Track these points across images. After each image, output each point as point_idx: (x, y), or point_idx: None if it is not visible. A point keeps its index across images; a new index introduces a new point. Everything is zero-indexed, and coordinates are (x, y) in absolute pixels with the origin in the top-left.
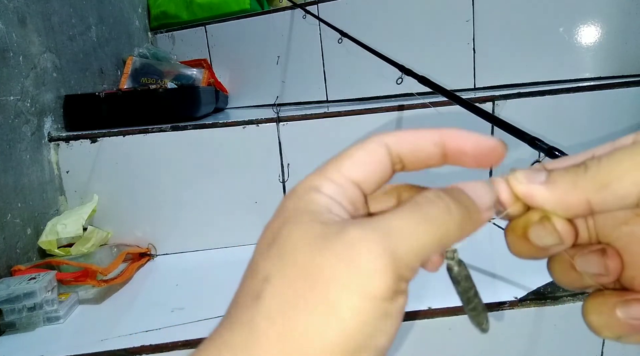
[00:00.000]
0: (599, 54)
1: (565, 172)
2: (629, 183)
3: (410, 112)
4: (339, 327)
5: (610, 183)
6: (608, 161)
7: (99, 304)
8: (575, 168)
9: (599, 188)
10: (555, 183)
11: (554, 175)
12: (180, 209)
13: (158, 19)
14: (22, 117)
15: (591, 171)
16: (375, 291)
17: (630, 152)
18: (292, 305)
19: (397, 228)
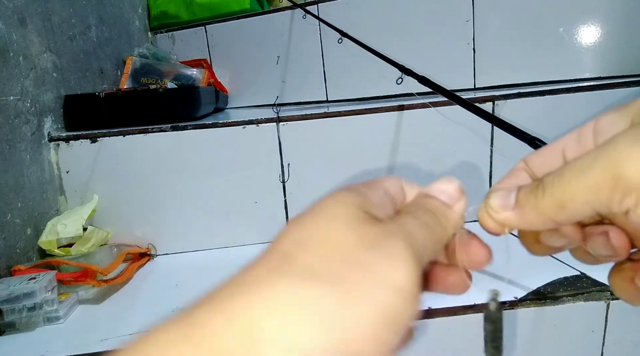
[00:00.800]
0: (599, 54)
1: (529, 194)
2: (582, 203)
3: (410, 112)
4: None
5: (565, 204)
6: (560, 182)
7: (99, 304)
8: (535, 190)
9: (557, 209)
10: (521, 209)
11: (520, 199)
12: (180, 209)
13: (158, 19)
14: (22, 117)
15: (547, 193)
16: (405, 282)
17: (579, 170)
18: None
19: (410, 230)
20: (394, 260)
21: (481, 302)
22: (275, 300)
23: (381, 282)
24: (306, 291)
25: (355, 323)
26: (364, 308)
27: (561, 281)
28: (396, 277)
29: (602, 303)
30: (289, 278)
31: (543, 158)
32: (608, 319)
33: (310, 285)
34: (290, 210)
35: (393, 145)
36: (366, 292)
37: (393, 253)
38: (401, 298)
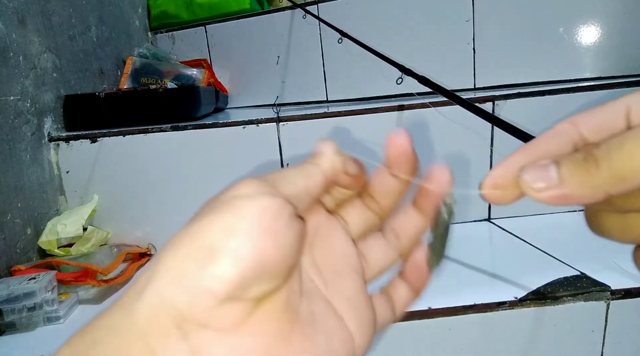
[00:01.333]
0: (599, 54)
1: (577, 168)
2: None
3: (410, 112)
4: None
5: (627, 177)
6: (620, 154)
7: (99, 304)
8: (585, 163)
9: (616, 183)
10: (569, 186)
11: (565, 175)
12: (180, 209)
13: (158, 19)
14: (22, 117)
15: (604, 167)
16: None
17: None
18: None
19: (276, 174)
20: (235, 185)
21: (481, 302)
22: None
23: (225, 198)
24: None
25: (206, 227)
26: (210, 217)
27: (561, 281)
28: (236, 191)
29: (602, 303)
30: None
31: (600, 120)
32: (608, 319)
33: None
34: None
35: None
36: (213, 208)
37: (236, 184)
38: (241, 198)
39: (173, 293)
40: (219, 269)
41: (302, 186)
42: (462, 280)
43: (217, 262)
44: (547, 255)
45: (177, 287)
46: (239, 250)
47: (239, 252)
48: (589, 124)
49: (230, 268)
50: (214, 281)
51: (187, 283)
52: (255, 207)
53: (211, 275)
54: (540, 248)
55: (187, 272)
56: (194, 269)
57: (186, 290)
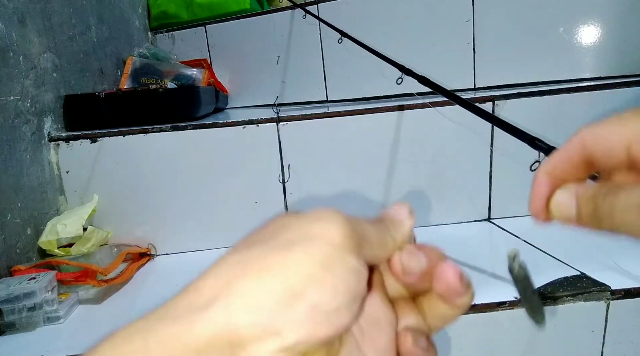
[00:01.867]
0: (599, 54)
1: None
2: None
3: (410, 112)
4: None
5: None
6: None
7: (99, 304)
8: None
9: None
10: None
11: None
12: (180, 209)
13: (158, 19)
14: (22, 117)
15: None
16: (335, 236)
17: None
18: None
19: (357, 219)
20: (324, 221)
21: (481, 302)
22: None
23: (312, 235)
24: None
25: (293, 266)
26: (297, 255)
27: (561, 281)
28: (325, 232)
29: (602, 303)
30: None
31: (605, 148)
32: (608, 319)
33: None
34: (290, 210)
35: (393, 145)
36: (299, 242)
37: (323, 216)
38: (332, 248)
39: (243, 321)
40: (297, 317)
41: (378, 255)
42: None
43: (298, 309)
44: (547, 255)
45: (250, 317)
46: (321, 306)
47: (321, 307)
48: (597, 152)
49: (308, 320)
50: (289, 327)
51: (261, 317)
52: (346, 264)
53: (289, 320)
54: (540, 248)
55: (265, 306)
56: (272, 306)
57: (258, 324)
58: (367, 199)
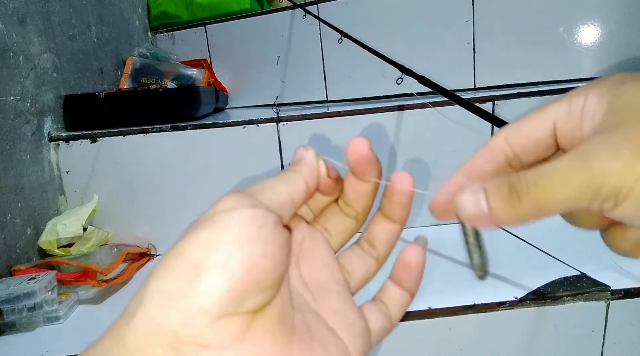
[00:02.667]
0: (599, 54)
1: (502, 202)
2: (560, 208)
3: (410, 112)
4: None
5: (543, 210)
6: (536, 191)
7: (99, 304)
8: (510, 198)
9: (534, 214)
10: (497, 215)
11: (493, 206)
12: (180, 209)
13: (158, 19)
14: (22, 117)
15: (524, 201)
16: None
17: (559, 182)
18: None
19: (255, 185)
20: (217, 202)
21: (481, 302)
22: None
23: (207, 215)
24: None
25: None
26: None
27: (561, 281)
28: (218, 205)
29: (602, 303)
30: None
31: (529, 133)
32: (608, 319)
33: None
34: None
35: (393, 145)
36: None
37: (216, 201)
38: (223, 212)
39: (165, 315)
40: (208, 284)
41: (285, 194)
42: (462, 280)
43: (205, 277)
44: (547, 255)
45: (169, 308)
46: (226, 263)
47: (226, 265)
48: (519, 141)
49: (220, 282)
50: (205, 298)
51: (178, 304)
52: (238, 218)
53: (202, 292)
54: (540, 248)
55: (177, 292)
56: (183, 288)
57: (178, 311)
58: None
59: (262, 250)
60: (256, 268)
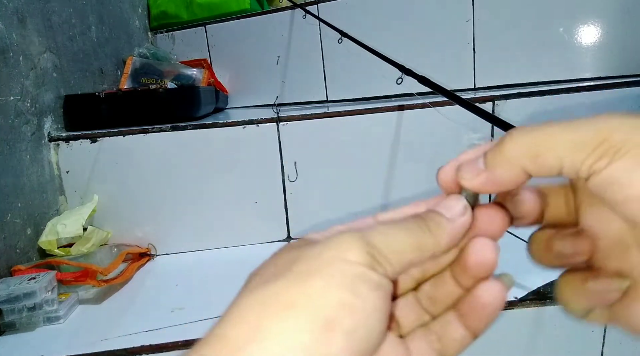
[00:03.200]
0: (599, 54)
1: (496, 149)
2: (555, 157)
3: (410, 112)
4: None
5: (539, 153)
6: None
7: (99, 304)
8: (501, 142)
9: (529, 158)
10: (492, 169)
11: (488, 159)
12: (180, 209)
13: (158, 19)
14: (22, 117)
15: (519, 141)
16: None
17: (565, 126)
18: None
19: (376, 230)
20: (336, 242)
21: None
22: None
23: (328, 260)
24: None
25: (318, 295)
26: (319, 282)
27: None
28: (341, 254)
29: None
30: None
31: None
32: None
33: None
34: (290, 210)
35: (393, 145)
36: (317, 270)
37: (335, 239)
38: (352, 267)
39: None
40: (335, 348)
41: (408, 261)
42: None
43: (335, 342)
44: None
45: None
46: (354, 333)
47: (354, 335)
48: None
49: (345, 350)
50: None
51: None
52: (368, 286)
53: (328, 353)
54: None
55: (301, 345)
56: (309, 343)
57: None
58: (367, 199)
59: (381, 326)
60: (372, 343)
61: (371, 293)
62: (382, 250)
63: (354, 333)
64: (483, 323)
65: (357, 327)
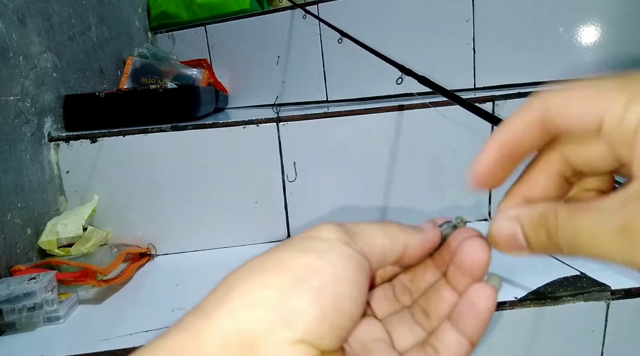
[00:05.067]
0: (599, 54)
1: (537, 238)
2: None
3: (410, 112)
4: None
5: (579, 251)
6: (577, 236)
7: (99, 304)
8: (548, 234)
9: (570, 251)
10: (532, 248)
11: (531, 240)
12: (180, 209)
13: (158, 19)
14: (22, 117)
15: (562, 240)
16: (327, 233)
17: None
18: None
19: (351, 223)
20: (317, 226)
21: None
22: None
23: (306, 237)
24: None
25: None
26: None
27: (561, 281)
28: (318, 232)
29: (602, 303)
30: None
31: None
32: (608, 319)
33: (243, 266)
34: (291, 210)
35: (393, 145)
36: (294, 243)
37: (317, 225)
38: (325, 241)
39: (250, 322)
40: (303, 304)
41: (380, 247)
42: None
43: (301, 296)
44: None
45: (254, 313)
46: (321, 291)
47: (321, 293)
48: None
49: (314, 306)
50: (296, 316)
51: (267, 314)
52: (339, 254)
53: (295, 309)
54: None
55: (268, 302)
56: (276, 299)
57: (265, 321)
58: (367, 199)
59: (352, 294)
60: (343, 309)
61: (342, 261)
62: (356, 231)
63: (322, 291)
64: (476, 326)
65: (325, 286)
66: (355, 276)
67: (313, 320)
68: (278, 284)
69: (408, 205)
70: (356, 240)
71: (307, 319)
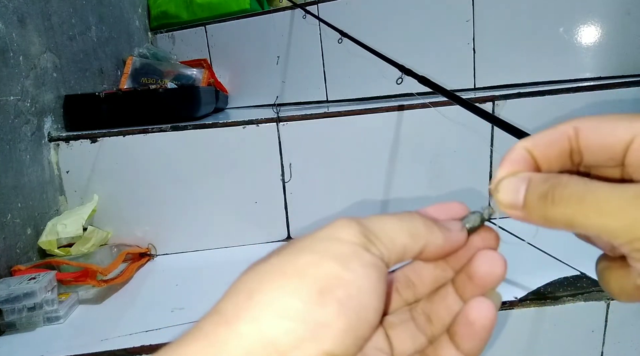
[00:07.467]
0: (599, 54)
1: (536, 201)
2: (591, 230)
3: (410, 112)
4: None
5: (574, 225)
6: (577, 205)
7: (99, 304)
8: (544, 199)
9: (564, 225)
10: (528, 212)
11: (528, 202)
12: (180, 209)
13: (158, 19)
14: (22, 117)
15: (558, 208)
16: (344, 235)
17: (606, 212)
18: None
19: (370, 217)
20: (332, 225)
21: None
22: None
23: (322, 237)
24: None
25: (311, 266)
26: (312, 256)
27: (561, 281)
28: (335, 232)
29: (602, 303)
30: None
31: (601, 145)
32: (608, 319)
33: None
34: (290, 210)
35: (393, 145)
36: (311, 245)
37: (331, 223)
38: (344, 244)
39: (275, 332)
40: (330, 317)
41: (401, 246)
42: None
43: (328, 308)
44: (547, 255)
45: (283, 324)
46: (348, 304)
47: (348, 306)
48: (590, 139)
49: (341, 320)
50: (323, 329)
51: (294, 324)
52: (361, 262)
53: (322, 322)
54: (540, 248)
55: (295, 312)
56: (303, 310)
57: (292, 332)
58: (367, 199)
59: (374, 304)
60: (367, 320)
61: (364, 269)
62: (376, 232)
63: (347, 303)
64: (473, 345)
65: (350, 298)
66: (377, 285)
67: (339, 332)
68: (302, 293)
69: (408, 205)
70: (376, 243)
71: (334, 332)
